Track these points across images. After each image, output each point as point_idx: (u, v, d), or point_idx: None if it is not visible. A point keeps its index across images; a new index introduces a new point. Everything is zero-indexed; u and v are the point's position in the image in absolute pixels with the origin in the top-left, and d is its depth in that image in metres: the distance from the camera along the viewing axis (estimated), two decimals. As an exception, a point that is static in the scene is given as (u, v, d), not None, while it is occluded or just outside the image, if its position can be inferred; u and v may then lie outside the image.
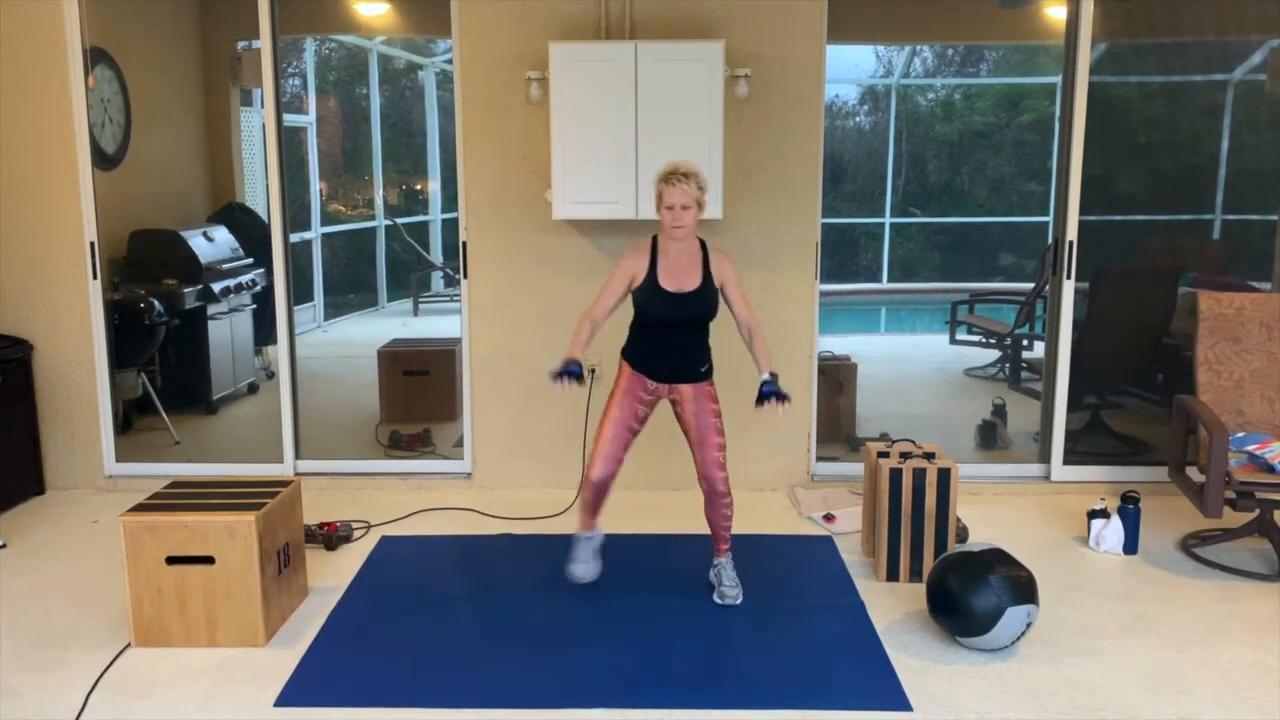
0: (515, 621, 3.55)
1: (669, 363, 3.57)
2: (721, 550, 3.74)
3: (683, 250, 3.50)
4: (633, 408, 3.58)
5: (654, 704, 3.01)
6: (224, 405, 5.75)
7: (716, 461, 3.57)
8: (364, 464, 5.09)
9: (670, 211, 3.39)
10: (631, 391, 3.59)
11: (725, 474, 3.60)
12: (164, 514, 3.33)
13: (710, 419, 3.58)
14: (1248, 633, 3.47)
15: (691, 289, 3.48)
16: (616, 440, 3.57)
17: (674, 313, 3.50)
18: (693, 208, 3.39)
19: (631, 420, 3.59)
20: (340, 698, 3.06)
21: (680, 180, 3.36)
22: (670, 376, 3.58)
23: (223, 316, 5.74)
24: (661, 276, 3.47)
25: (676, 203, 3.37)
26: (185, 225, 5.69)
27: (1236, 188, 5.15)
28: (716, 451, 3.57)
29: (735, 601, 3.65)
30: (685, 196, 3.37)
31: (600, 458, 3.56)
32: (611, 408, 3.59)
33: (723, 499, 3.62)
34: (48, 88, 4.68)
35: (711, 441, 3.57)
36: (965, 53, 8.01)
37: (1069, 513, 4.61)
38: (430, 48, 7.36)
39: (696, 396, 3.58)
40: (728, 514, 3.67)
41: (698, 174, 3.41)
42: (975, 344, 6.54)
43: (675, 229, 3.41)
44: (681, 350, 3.57)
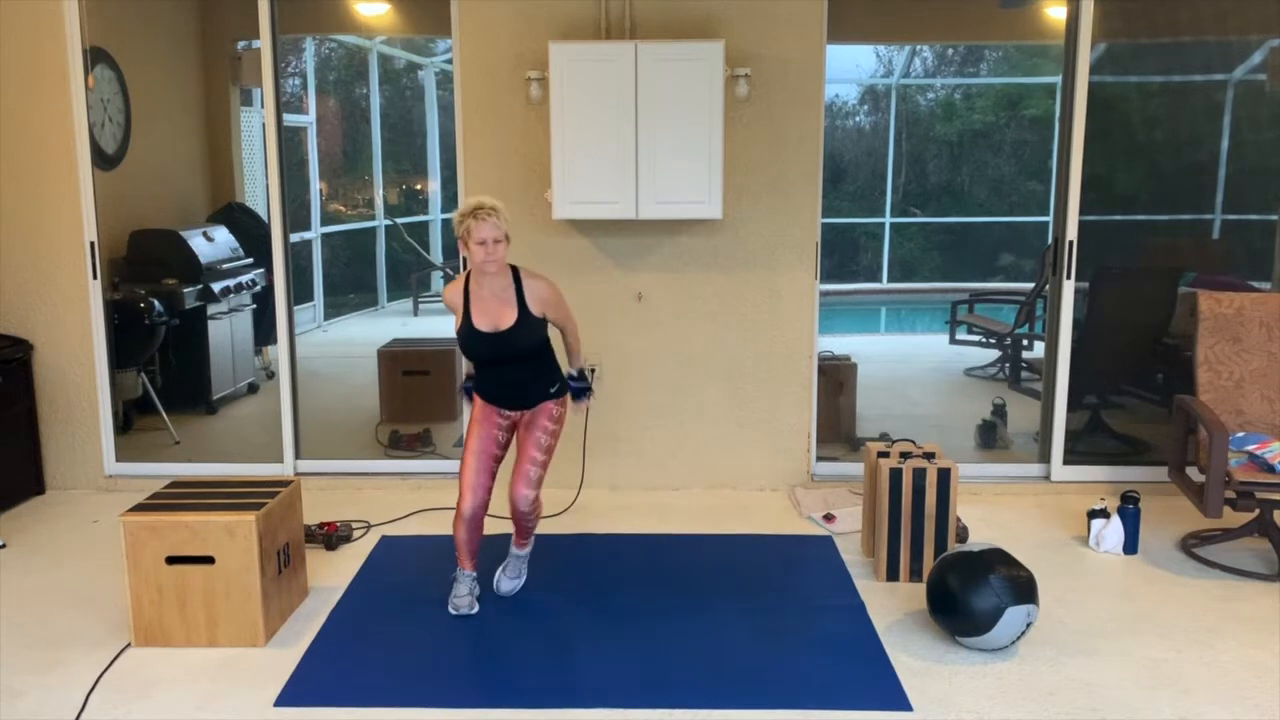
0: (515, 621, 3.55)
1: (512, 393, 3.57)
2: (520, 544, 3.77)
3: (495, 286, 3.44)
4: (491, 435, 3.57)
5: (654, 704, 3.01)
6: (224, 405, 5.75)
7: (527, 479, 3.54)
8: (364, 464, 5.09)
9: (482, 246, 3.32)
10: (487, 419, 3.58)
11: (534, 493, 3.56)
12: (164, 514, 3.33)
13: (537, 434, 3.56)
14: (1248, 633, 3.47)
15: (507, 327, 3.44)
16: (481, 470, 3.54)
17: (495, 351, 3.47)
18: (503, 241, 3.35)
19: (492, 447, 3.57)
20: (340, 698, 3.07)
21: (489, 214, 3.32)
22: (518, 404, 3.58)
23: (223, 316, 5.74)
24: (476, 317, 3.44)
25: (488, 236, 3.32)
26: (185, 225, 5.69)
27: (1236, 188, 5.14)
28: (528, 465, 3.54)
29: (511, 593, 3.72)
30: (495, 230, 3.32)
31: (468, 489, 3.52)
32: (470, 440, 3.56)
33: (525, 518, 3.63)
34: (48, 88, 4.68)
35: (527, 455, 3.55)
36: (965, 53, 8.01)
37: (1069, 513, 4.61)
38: (430, 48, 7.35)
39: (535, 415, 3.59)
40: (529, 528, 3.71)
41: (501, 207, 3.38)
42: (975, 344, 6.53)
43: (488, 263, 3.35)
44: (520, 380, 3.55)
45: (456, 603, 3.62)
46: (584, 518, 4.57)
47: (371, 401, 5.60)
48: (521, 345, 3.47)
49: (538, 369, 3.56)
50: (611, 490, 4.89)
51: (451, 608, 3.62)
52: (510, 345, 3.46)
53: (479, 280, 3.45)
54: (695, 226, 4.69)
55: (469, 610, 3.61)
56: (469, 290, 3.48)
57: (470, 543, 3.60)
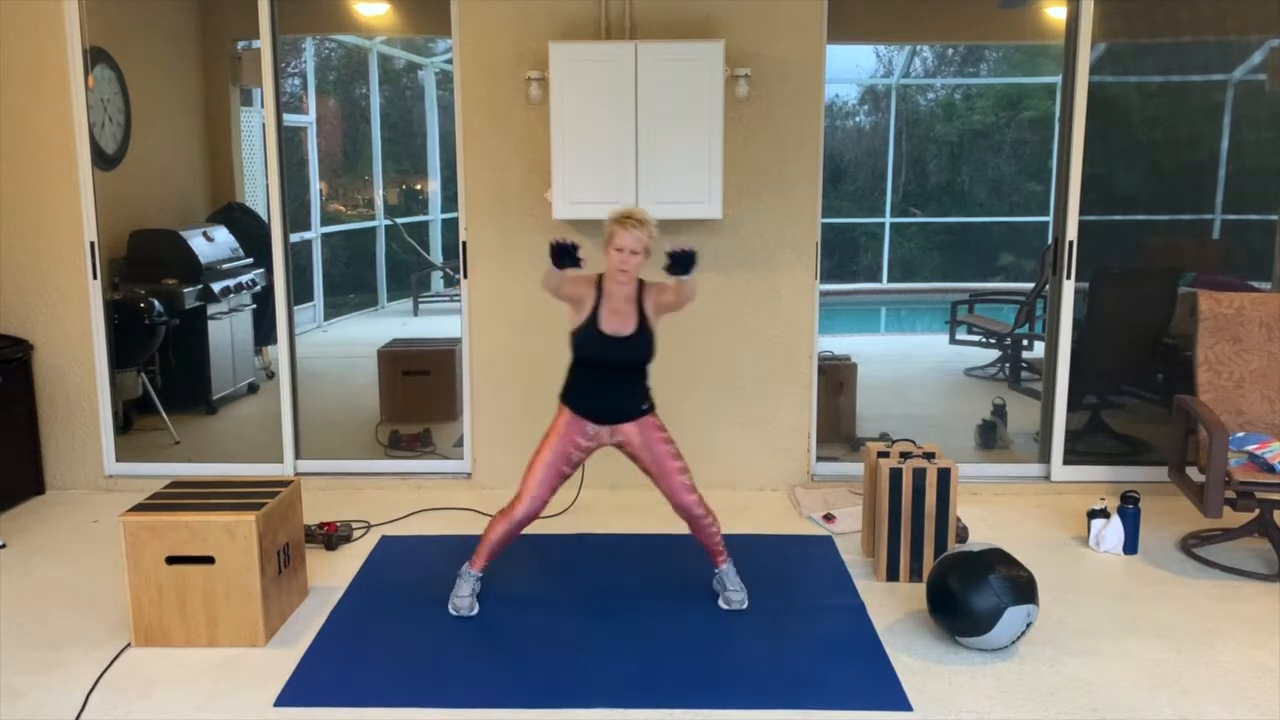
0: (515, 621, 3.55)
1: (610, 404, 3.53)
2: (719, 561, 3.69)
3: (623, 293, 3.45)
4: (568, 451, 3.51)
5: (654, 704, 3.01)
6: (224, 405, 5.75)
7: (684, 487, 3.52)
8: (364, 464, 5.09)
9: (619, 254, 3.34)
10: (568, 435, 3.52)
11: (697, 496, 3.54)
12: (164, 514, 3.33)
13: (664, 447, 3.52)
14: (1248, 633, 3.47)
15: (628, 333, 3.43)
16: (546, 481, 3.49)
17: (611, 356, 3.46)
18: (640, 254, 3.36)
19: (564, 464, 3.51)
20: (340, 698, 3.06)
21: (635, 225, 3.33)
22: (611, 418, 3.53)
23: (223, 316, 5.74)
24: (602, 319, 3.43)
25: (627, 246, 3.33)
26: (185, 225, 5.69)
27: (1236, 188, 5.15)
28: (680, 477, 3.52)
29: (742, 606, 3.63)
30: (636, 242, 3.33)
31: (528, 495, 3.47)
32: (544, 449, 3.50)
33: (703, 520, 3.57)
34: (48, 88, 4.68)
35: (672, 469, 3.52)
36: (965, 53, 8.01)
37: (1069, 513, 4.61)
38: (430, 48, 7.36)
39: (642, 430, 3.54)
40: (714, 532, 3.61)
41: (652, 222, 3.37)
42: (975, 344, 6.54)
43: (621, 272, 3.36)
44: (620, 391, 3.53)
45: (457, 603, 3.61)
46: (584, 518, 4.57)
47: (371, 401, 5.60)
48: (638, 354, 3.46)
49: (640, 382, 3.55)
50: (611, 490, 4.89)
51: (452, 608, 3.61)
52: (627, 351, 3.45)
53: (610, 286, 3.44)
54: (695, 226, 4.69)
55: (469, 611, 3.60)
56: (602, 289, 3.46)
57: (500, 546, 3.57)
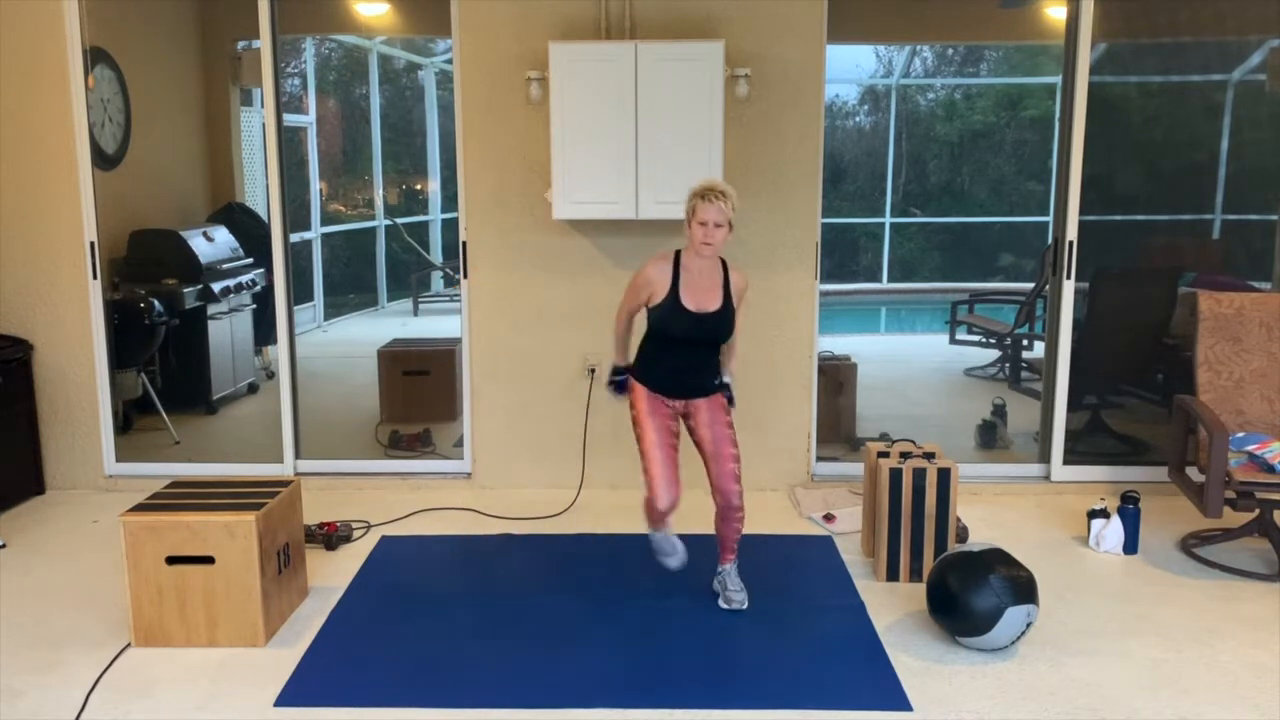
0: (515, 621, 3.55)
1: (685, 380, 3.55)
2: (727, 559, 3.70)
3: (705, 268, 3.45)
4: (666, 425, 3.54)
5: (654, 704, 3.01)
6: (224, 405, 5.75)
7: (732, 474, 3.52)
8: (364, 464, 5.09)
9: (703, 228, 3.34)
10: (658, 411, 3.54)
11: (740, 488, 3.54)
12: (164, 514, 3.33)
13: (725, 430, 3.54)
14: (1248, 633, 3.47)
15: (713, 309, 3.44)
16: (667, 463, 3.50)
17: (693, 332, 3.46)
18: (725, 226, 3.35)
19: (670, 438, 3.54)
20: (340, 698, 3.07)
21: (717, 197, 3.33)
22: (687, 393, 3.56)
23: (223, 316, 5.74)
24: (684, 295, 3.43)
25: (710, 219, 3.33)
26: (185, 225, 5.69)
27: (1236, 188, 5.15)
28: (732, 464, 3.53)
29: (742, 606, 3.64)
30: (720, 214, 3.33)
31: (662, 485, 3.48)
32: (648, 432, 3.51)
33: (737, 513, 3.57)
34: (48, 88, 4.68)
35: (727, 454, 3.53)
36: (965, 53, 8.01)
37: (1069, 513, 4.61)
38: (430, 48, 7.35)
39: (710, 408, 3.56)
40: (739, 527, 3.62)
41: (733, 194, 3.38)
42: (975, 344, 6.53)
43: (705, 245, 3.36)
44: (698, 367, 3.55)
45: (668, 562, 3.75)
46: (584, 518, 4.57)
47: (371, 401, 5.60)
48: (721, 330, 3.48)
49: (715, 358, 3.58)
50: (611, 490, 4.89)
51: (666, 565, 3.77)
52: (711, 328, 3.46)
53: (692, 260, 3.45)
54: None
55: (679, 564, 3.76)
56: (679, 268, 3.46)
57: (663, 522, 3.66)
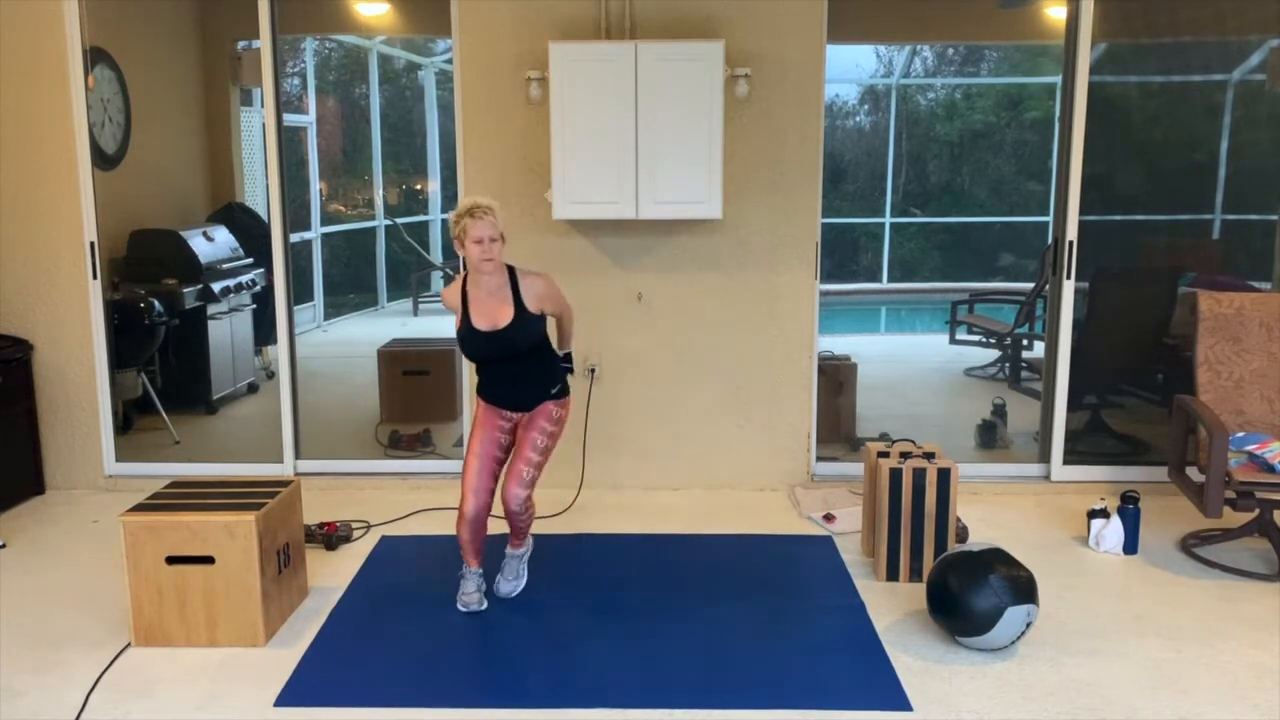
0: (515, 621, 3.55)
1: (514, 392, 3.58)
2: (517, 545, 3.76)
3: (492, 285, 3.46)
4: (493, 437, 3.59)
5: (654, 704, 3.01)
6: (224, 405, 5.75)
7: (518, 476, 3.53)
8: (364, 464, 5.09)
9: (479, 245, 3.35)
10: (489, 422, 3.60)
11: (526, 493, 3.54)
12: (164, 514, 3.33)
13: (535, 433, 3.56)
14: (1248, 633, 3.47)
15: (504, 325, 3.46)
16: (483, 472, 3.55)
17: (494, 350, 3.49)
18: (499, 240, 3.38)
19: (494, 449, 3.59)
20: (340, 698, 3.07)
21: (484, 213, 3.34)
22: (520, 405, 3.60)
23: (223, 316, 5.74)
24: (474, 317, 3.47)
25: (484, 235, 3.34)
26: (185, 225, 5.68)
27: (1236, 188, 5.14)
28: (522, 465, 3.53)
29: (510, 595, 3.71)
30: (491, 229, 3.35)
31: (470, 491, 3.53)
32: (473, 442, 3.59)
33: (519, 518, 3.62)
34: (48, 88, 4.68)
35: (522, 455, 3.55)
36: (965, 53, 8.01)
37: (1069, 513, 4.61)
38: (430, 48, 7.35)
39: (534, 416, 3.60)
40: (522, 527, 3.69)
41: (496, 205, 3.40)
42: (975, 344, 6.53)
43: (485, 262, 3.37)
44: (521, 379, 3.57)
45: (465, 600, 3.63)
46: (584, 518, 4.57)
47: (371, 401, 5.60)
48: (519, 343, 3.49)
49: (538, 368, 3.58)
50: (611, 490, 4.89)
51: (461, 605, 3.63)
52: (508, 343, 3.48)
53: (476, 280, 3.47)
54: (695, 226, 4.69)
55: (478, 606, 3.62)
56: (466, 290, 3.50)
57: (474, 542, 3.61)
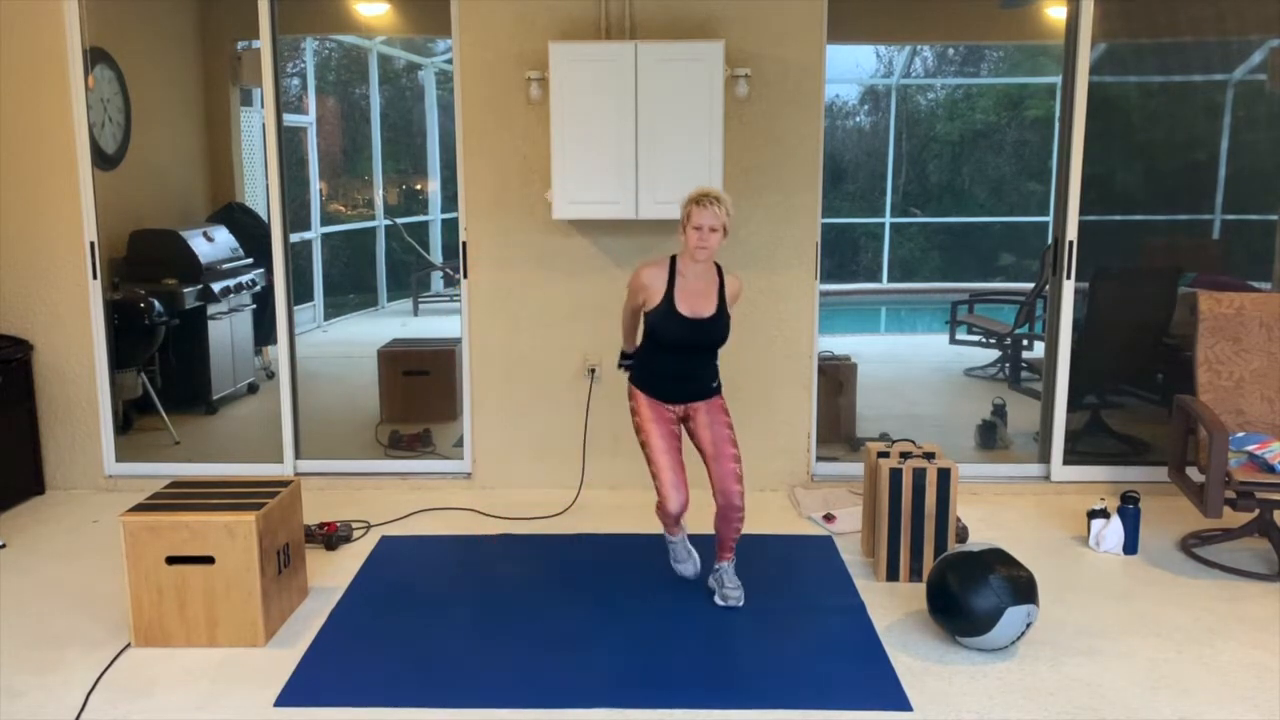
0: (515, 621, 3.55)
1: (682, 386, 3.58)
2: (725, 556, 3.70)
3: (700, 273, 3.48)
4: (669, 430, 3.59)
5: (654, 704, 3.01)
6: (224, 405, 5.75)
7: (734, 475, 3.54)
8: (364, 464, 5.09)
9: (698, 232, 3.36)
10: (659, 417, 3.58)
11: (742, 488, 3.56)
12: (164, 514, 3.33)
13: (725, 431, 3.57)
14: (1248, 633, 3.47)
15: (708, 315, 3.47)
16: (675, 467, 3.54)
17: (688, 338, 3.49)
18: (719, 231, 3.38)
19: (675, 441, 3.59)
20: (340, 698, 3.07)
21: (711, 203, 3.36)
22: (684, 397, 3.59)
23: (223, 316, 5.74)
24: (678, 301, 3.46)
25: (705, 224, 3.35)
26: (185, 225, 5.69)
27: (1236, 188, 5.15)
28: (733, 464, 3.54)
29: (738, 603, 3.64)
30: (714, 219, 3.35)
31: (670, 489, 3.52)
32: (652, 438, 3.55)
33: (738, 513, 3.58)
34: (48, 88, 4.68)
35: (727, 454, 3.55)
36: (966, 53, 8.01)
37: (1069, 513, 4.61)
38: (430, 48, 7.35)
39: (709, 410, 3.59)
40: (739, 527, 3.63)
41: (728, 200, 3.41)
42: (975, 344, 6.53)
43: (700, 249, 3.38)
44: (694, 373, 3.58)
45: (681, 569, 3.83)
46: (584, 518, 4.57)
47: (371, 401, 5.60)
48: (715, 336, 3.51)
49: (712, 363, 3.61)
50: (611, 490, 4.89)
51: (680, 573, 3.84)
52: (706, 334, 3.49)
53: (687, 266, 3.47)
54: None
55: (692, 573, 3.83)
56: (674, 274, 3.48)
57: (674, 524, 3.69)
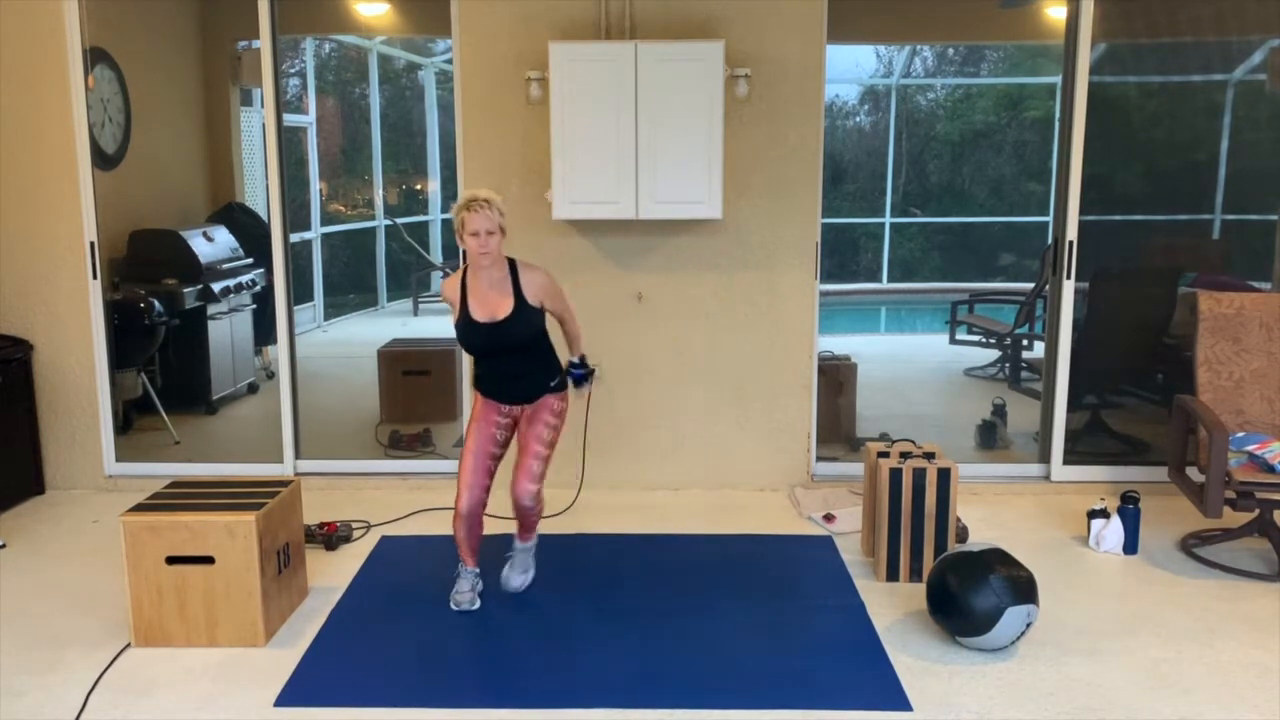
0: (515, 621, 3.55)
1: (512, 387, 3.59)
2: (526, 538, 3.78)
3: (492, 278, 3.48)
4: (489, 433, 3.59)
5: (654, 704, 3.01)
6: (224, 405, 5.75)
7: (528, 471, 3.56)
8: (364, 464, 5.09)
9: (475, 238, 3.36)
10: (486, 418, 3.60)
11: (536, 487, 3.57)
12: (164, 514, 3.33)
13: (540, 427, 3.58)
14: (1248, 633, 3.47)
15: (504, 316, 3.46)
16: (478, 469, 3.56)
17: (492, 342, 3.50)
18: (496, 233, 3.38)
19: (490, 445, 3.59)
20: (340, 698, 3.07)
21: (482, 206, 3.35)
22: (518, 398, 3.61)
23: (223, 316, 5.74)
24: (473, 308, 3.47)
25: (481, 228, 3.35)
26: (185, 225, 5.69)
27: (1236, 188, 5.14)
28: (531, 460, 3.56)
29: (520, 589, 3.73)
30: (489, 222, 3.36)
31: (465, 487, 3.54)
32: (469, 439, 3.59)
33: (530, 512, 3.65)
34: (48, 88, 4.68)
35: (531, 450, 3.57)
36: (966, 53, 8.01)
37: (1069, 513, 4.61)
38: (430, 48, 7.35)
39: (536, 409, 3.61)
40: (533, 521, 3.72)
41: (497, 199, 3.41)
42: (975, 344, 6.53)
43: (482, 255, 3.38)
44: (519, 372, 3.58)
45: (458, 598, 3.63)
46: (584, 518, 4.57)
47: (371, 401, 5.60)
48: (519, 335, 3.49)
49: (536, 362, 3.59)
50: (611, 490, 4.89)
51: (453, 604, 3.63)
52: (507, 335, 3.48)
53: (475, 272, 3.49)
54: (695, 226, 4.69)
55: (470, 606, 3.62)
56: (466, 283, 3.51)
57: (470, 539, 3.62)
